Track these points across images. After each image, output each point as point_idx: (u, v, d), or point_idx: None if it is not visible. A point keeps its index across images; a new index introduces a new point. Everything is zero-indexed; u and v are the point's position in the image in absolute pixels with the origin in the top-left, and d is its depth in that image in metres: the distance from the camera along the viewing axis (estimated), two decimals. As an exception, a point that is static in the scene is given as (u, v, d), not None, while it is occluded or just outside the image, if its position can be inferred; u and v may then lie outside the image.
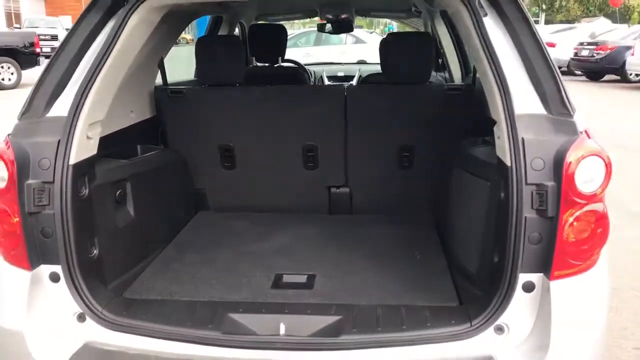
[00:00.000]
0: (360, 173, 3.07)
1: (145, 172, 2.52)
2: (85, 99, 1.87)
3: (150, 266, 2.43)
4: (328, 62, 6.43)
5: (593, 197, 1.61)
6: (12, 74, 13.82)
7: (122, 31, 1.94)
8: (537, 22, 35.75)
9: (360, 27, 21.81)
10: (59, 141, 1.81)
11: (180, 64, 4.49)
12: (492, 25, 1.84)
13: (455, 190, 2.42)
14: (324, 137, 3.00)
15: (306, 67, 5.04)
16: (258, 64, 4.60)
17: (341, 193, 3.11)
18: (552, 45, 18.21)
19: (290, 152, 3.02)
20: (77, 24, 1.96)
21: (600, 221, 1.64)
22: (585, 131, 1.70)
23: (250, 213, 3.08)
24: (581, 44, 16.35)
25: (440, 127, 2.89)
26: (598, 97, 12.93)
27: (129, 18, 1.95)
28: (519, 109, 1.71)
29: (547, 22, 34.37)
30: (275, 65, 4.24)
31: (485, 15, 1.86)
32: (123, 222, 2.30)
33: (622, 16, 29.11)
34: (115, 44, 1.92)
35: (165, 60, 3.05)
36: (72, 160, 1.82)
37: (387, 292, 2.14)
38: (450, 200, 2.47)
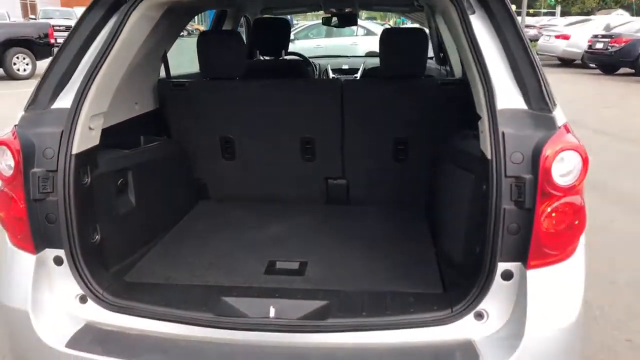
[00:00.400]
0: (357, 165, 3.13)
1: (146, 162, 2.60)
2: (88, 92, 1.94)
3: (150, 252, 2.52)
4: (333, 55, 6.45)
5: (570, 190, 1.65)
6: (27, 64, 13.97)
7: (123, 27, 2.00)
8: (553, 14, 35.23)
9: (374, 19, 21.69)
10: (62, 132, 1.88)
11: (192, 53, 4.55)
12: (479, 23, 1.88)
13: (444, 183, 2.47)
14: (321, 130, 3.06)
15: (311, 59, 5.09)
16: (263, 57, 4.66)
17: (338, 184, 3.17)
18: (566, 37, 17.95)
19: (289, 144, 3.08)
20: (81, 20, 2.04)
21: (577, 213, 1.68)
22: (565, 126, 1.74)
23: (249, 203, 3.15)
24: (595, 36, 16.05)
25: (434, 121, 2.94)
26: (611, 91, 12.78)
27: (130, 14, 2.02)
28: (501, 104, 1.75)
29: (563, 14, 33.85)
30: (279, 59, 4.31)
31: (473, 13, 1.90)
32: (124, 209, 2.38)
33: (639, 8, 28.56)
34: (116, 39, 1.99)
35: (176, 51, 3.12)
36: (75, 150, 1.89)
37: (375, 279, 2.21)
38: (440, 192, 2.54)
